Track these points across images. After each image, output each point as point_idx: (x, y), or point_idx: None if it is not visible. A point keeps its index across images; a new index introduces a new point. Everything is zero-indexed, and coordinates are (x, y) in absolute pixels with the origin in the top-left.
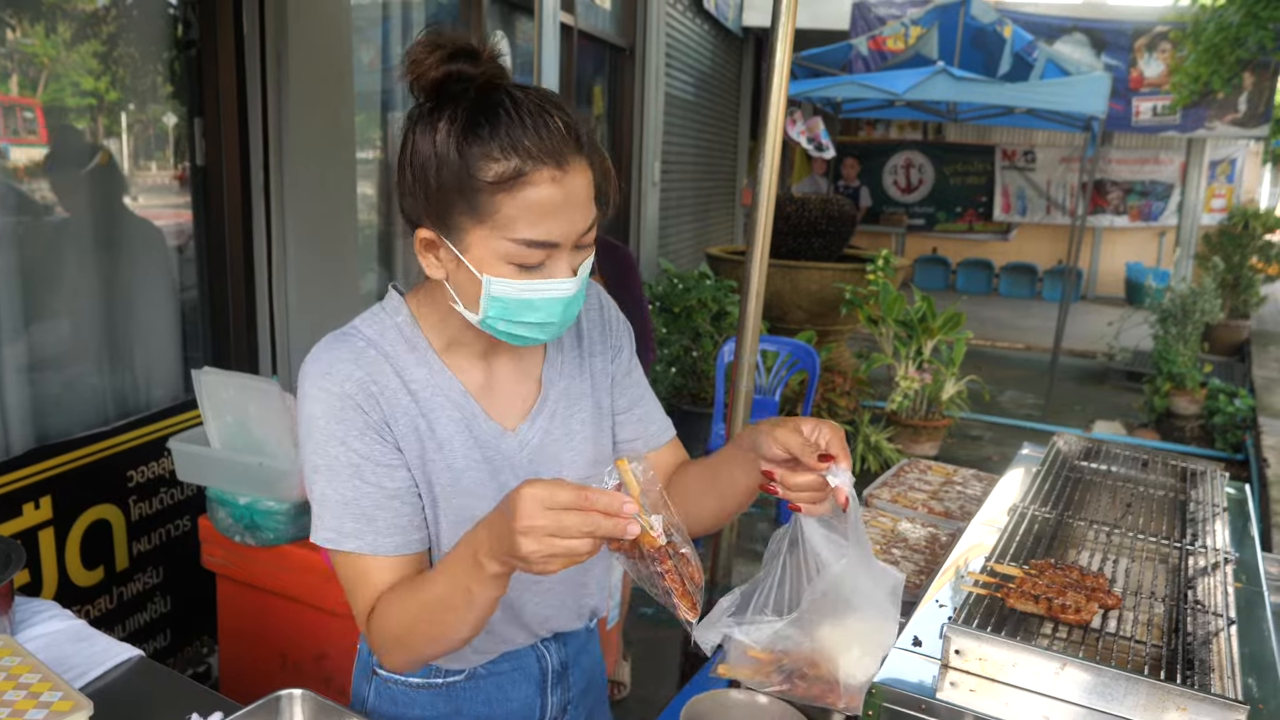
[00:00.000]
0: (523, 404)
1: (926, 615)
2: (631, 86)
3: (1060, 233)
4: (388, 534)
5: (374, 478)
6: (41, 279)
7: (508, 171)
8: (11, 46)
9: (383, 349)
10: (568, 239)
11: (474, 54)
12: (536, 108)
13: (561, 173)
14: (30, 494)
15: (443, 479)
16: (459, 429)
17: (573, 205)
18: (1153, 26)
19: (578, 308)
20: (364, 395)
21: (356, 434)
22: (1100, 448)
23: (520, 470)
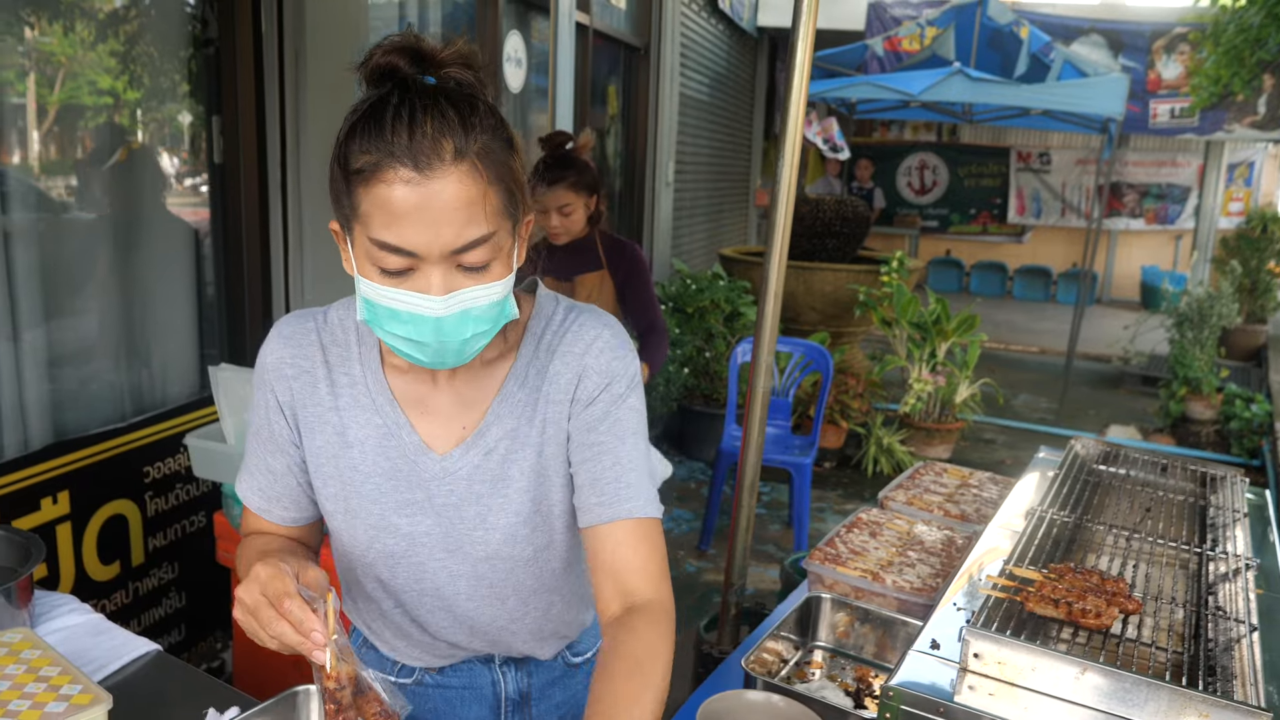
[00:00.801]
0: (461, 431)
1: (944, 618)
2: (646, 86)
3: (1075, 236)
4: (254, 494)
5: (261, 448)
6: (59, 276)
7: (366, 165)
8: (30, 45)
9: (333, 335)
10: (430, 250)
11: (419, 54)
12: (422, 110)
13: (420, 176)
14: (48, 489)
15: (345, 476)
16: (374, 433)
17: (436, 213)
18: (1171, 28)
19: (461, 335)
20: (277, 376)
21: (262, 405)
22: (1118, 452)
23: (436, 497)
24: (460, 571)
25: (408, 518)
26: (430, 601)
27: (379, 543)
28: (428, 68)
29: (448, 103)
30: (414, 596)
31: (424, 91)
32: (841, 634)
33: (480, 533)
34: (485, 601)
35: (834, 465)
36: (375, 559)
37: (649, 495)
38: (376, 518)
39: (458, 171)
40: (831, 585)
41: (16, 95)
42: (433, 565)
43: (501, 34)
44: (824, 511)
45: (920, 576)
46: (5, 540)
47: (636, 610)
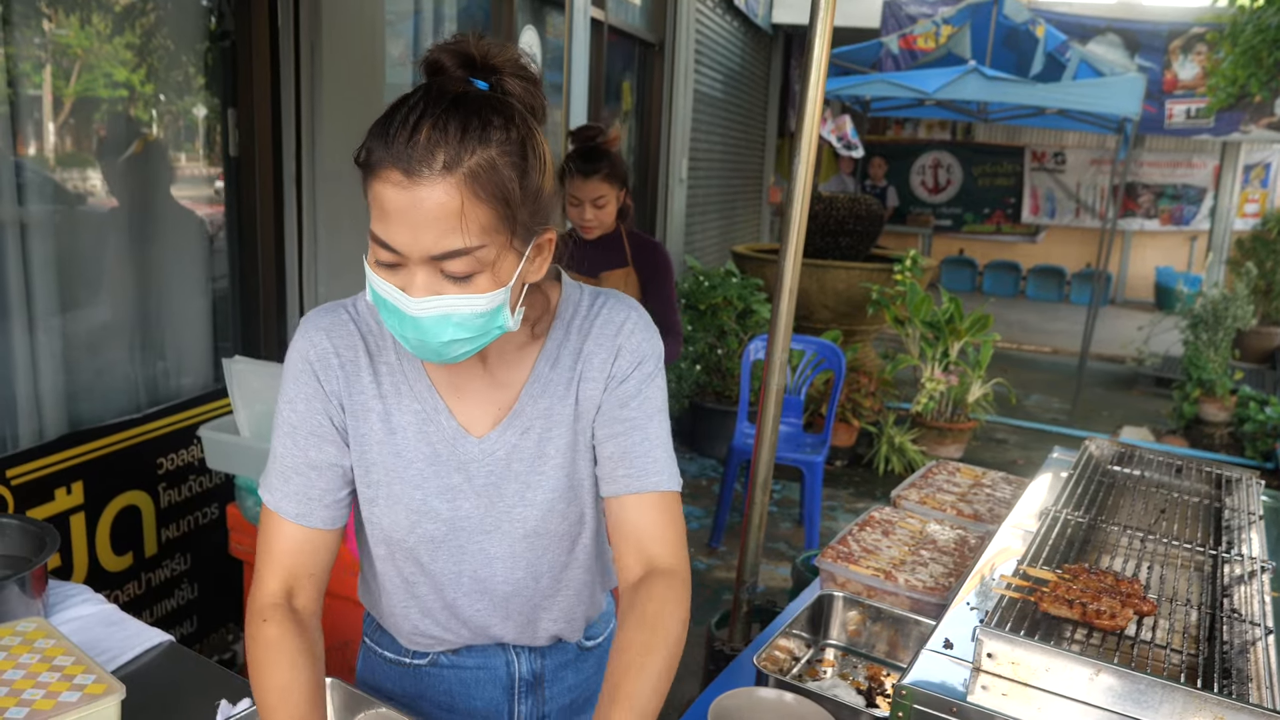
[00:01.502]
0: (496, 412)
1: (957, 618)
2: (660, 83)
3: (1089, 236)
4: (292, 499)
5: (303, 443)
6: (75, 267)
7: (372, 160)
8: (46, 37)
9: (366, 324)
10: (411, 251)
11: (468, 57)
12: (426, 117)
13: (408, 180)
14: (62, 479)
15: (389, 463)
16: (414, 419)
17: (419, 219)
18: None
19: (439, 337)
20: (323, 365)
21: (304, 399)
22: (1132, 453)
23: (476, 478)
24: (498, 553)
25: (449, 501)
26: (468, 584)
27: (420, 527)
28: (477, 71)
29: (458, 112)
30: (452, 579)
31: (441, 96)
32: (853, 632)
33: (520, 509)
34: (521, 582)
35: (845, 464)
36: (416, 543)
37: (672, 470)
38: (419, 502)
39: (444, 183)
40: (844, 583)
41: (33, 87)
42: (471, 548)
43: (516, 29)
44: (835, 510)
45: (933, 576)
46: (20, 530)
47: (656, 574)
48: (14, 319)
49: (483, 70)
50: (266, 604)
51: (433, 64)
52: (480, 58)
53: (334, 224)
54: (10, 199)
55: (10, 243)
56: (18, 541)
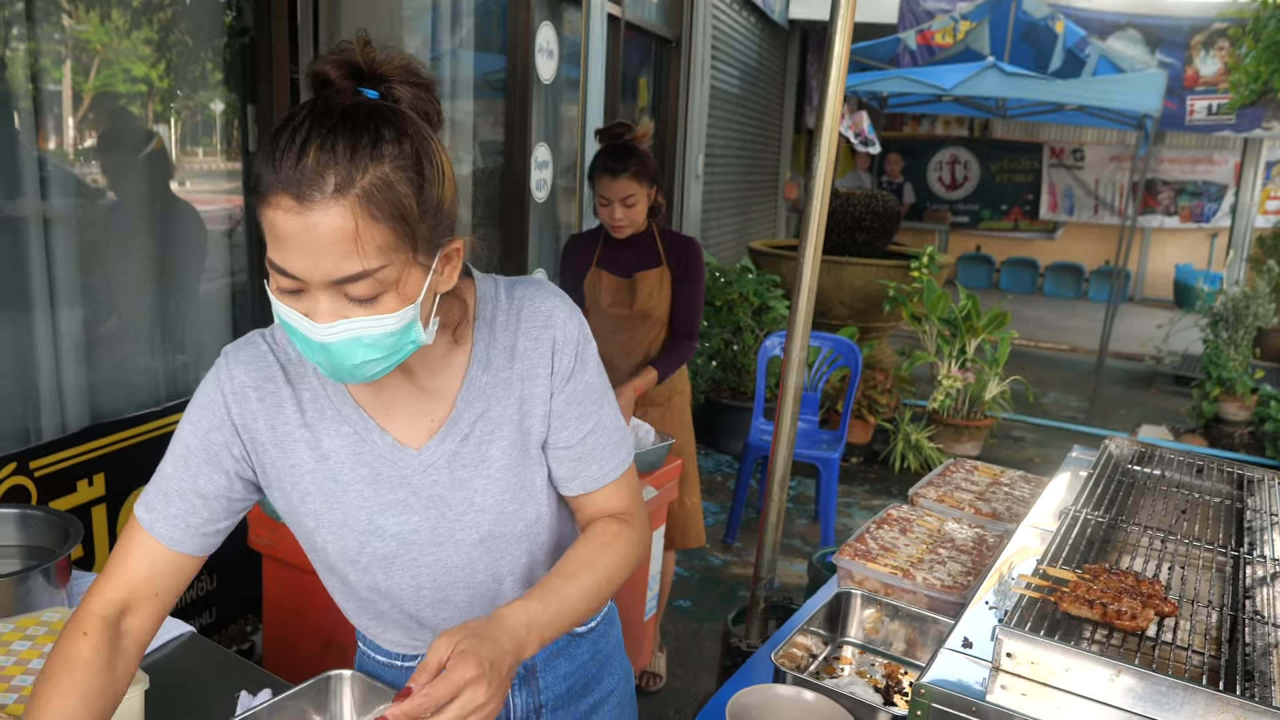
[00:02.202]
0: (430, 423)
1: (976, 617)
2: (677, 78)
3: (1108, 233)
4: (169, 523)
5: (194, 469)
6: (96, 261)
7: (262, 186)
8: (66, 33)
9: (285, 354)
10: (310, 277)
11: (354, 67)
12: (313, 137)
13: (299, 205)
14: (84, 471)
15: (326, 488)
16: (346, 442)
17: (314, 244)
18: (1210, 23)
19: (351, 359)
20: (238, 399)
21: (206, 427)
22: (1153, 452)
23: (421, 491)
24: (454, 561)
25: (395, 518)
26: (429, 595)
27: (369, 548)
28: (365, 81)
29: (347, 128)
30: (411, 593)
31: (328, 113)
32: (871, 630)
33: (470, 516)
34: (482, 587)
35: (861, 461)
36: (368, 563)
37: (628, 449)
38: (364, 523)
39: (337, 206)
40: (861, 581)
41: (53, 82)
42: (426, 560)
43: (534, 25)
44: (850, 507)
45: (951, 574)
46: (44, 521)
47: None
48: (37, 312)
49: (371, 79)
50: (95, 614)
51: (318, 76)
52: (367, 66)
53: None
54: (33, 193)
55: (33, 237)
56: (43, 532)
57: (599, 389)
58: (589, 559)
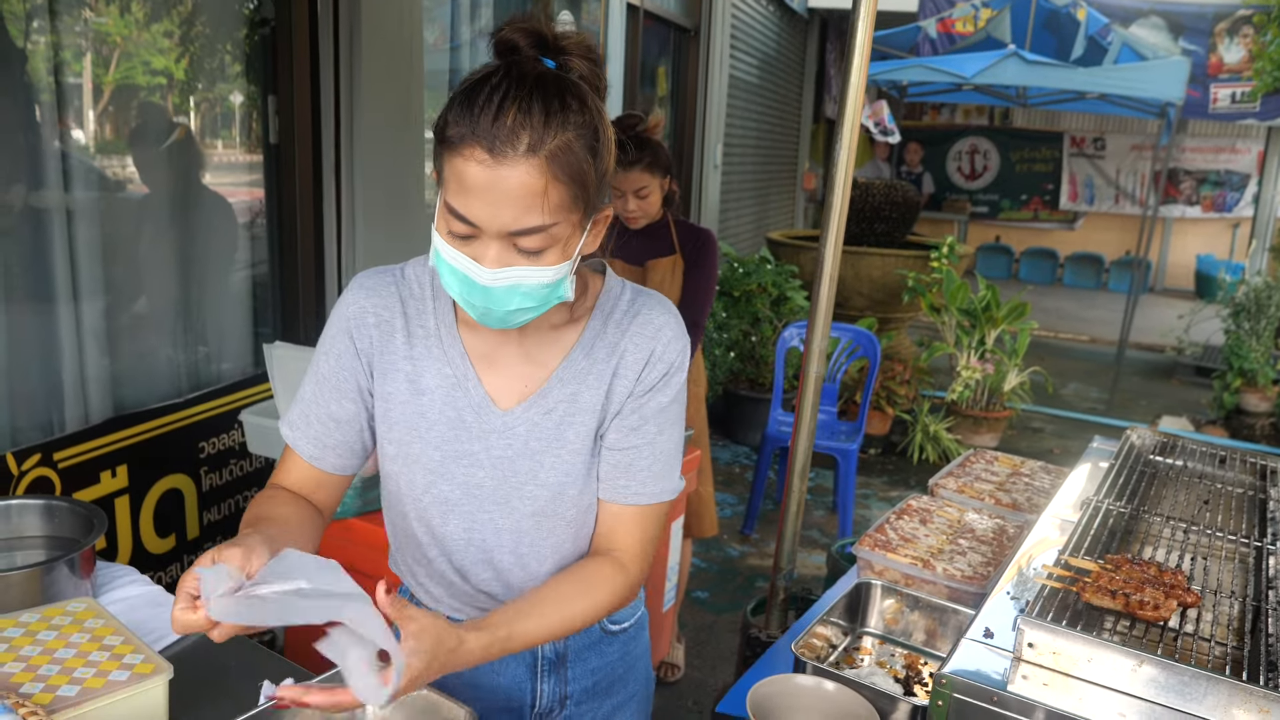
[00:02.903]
0: (524, 388)
1: (997, 607)
2: (696, 68)
3: (1129, 223)
4: (309, 442)
5: (327, 395)
6: (118, 253)
7: (454, 135)
8: (86, 25)
9: (410, 289)
10: (489, 226)
11: (541, 37)
12: (511, 98)
13: (492, 159)
14: (107, 462)
15: (411, 421)
16: (444, 383)
17: (501, 196)
18: (1235, 10)
19: (506, 306)
20: (359, 324)
21: (335, 353)
22: (1175, 443)
23: (494, 449)
24: (506, 526)
25: (465, 467)
26: (475, 554)
27: (435, 488)
28: (548, 51)
29: (540, 94)
30: (460, 546)
31: (523, 78)
32: (891, 621)
33: (531, 488)
34: (526, 559)
35: (879, 452)
36: (429, 504)
37: (671, 482)
38: (436, 463)
39: (527, 164)
40: (881, 572)
41: (73, 75)
42: (482, 517)
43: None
44: (869, 498)
45: (971, 565)
46: (69, 511)
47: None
48: (60, 304)
49: (553, 50)
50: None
51: (507, 43)
52: (552, 38)
53: (372, 210)
54: (56, 185)
55: (56, 229)
56: (67, 523)
57: (670, 417)
58: (571, 596)
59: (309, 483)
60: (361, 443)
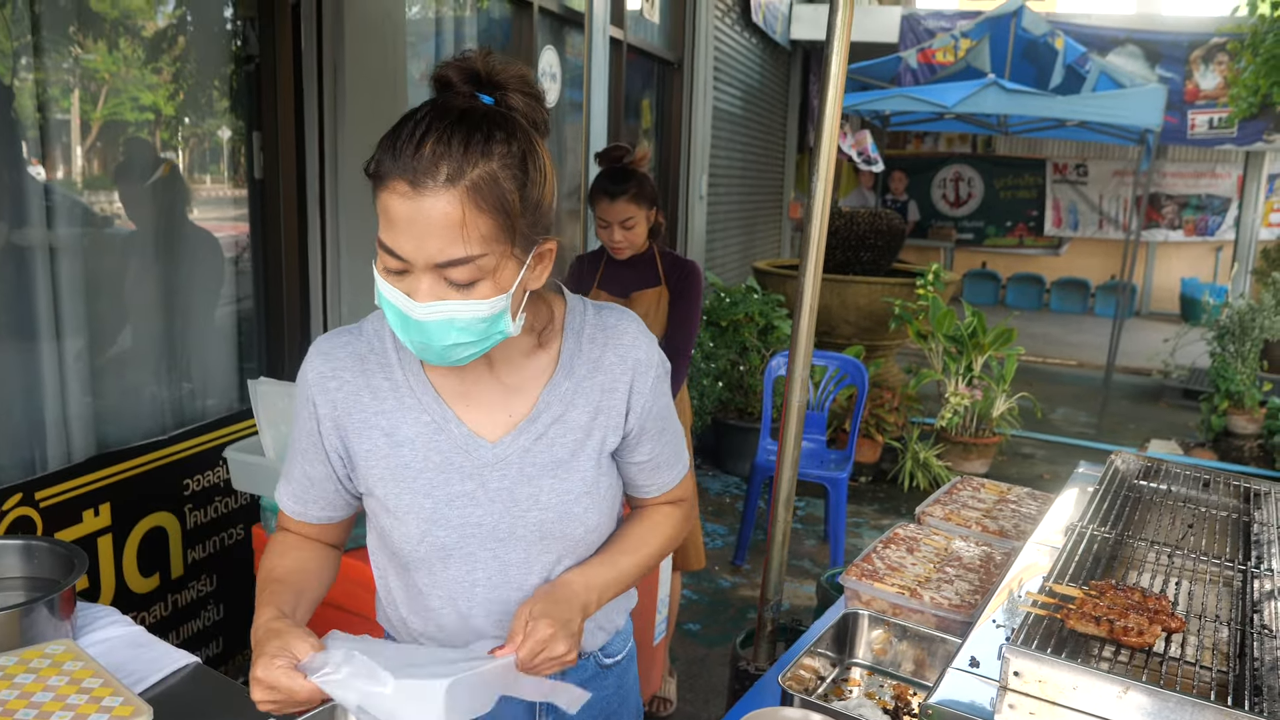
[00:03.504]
0: (509, 418)
1: (983, 635)
2: (680, 100)
3: (1113, 247)
4: (291, 498)
5: (300, 457)
6: (102, 289)
7: (379, 171)
8: (74, 62)
9: (370, 345)
10: (416, 258)
11: (474, 73)
12: (434, 131)
13: (413, 191)
14: (90, 501)
15: (396, 474)
16: (423, 430)
17: (423, 228)
18: (1209, 38)
19: (443, 341)
20: (319, 390)
21: (302, 420)
22: (1159, 467)
23: (490, 483)
24: (512, 559)
25: (459, 510)
26: (481, 593)
27: (431, 536)
28: (483, 86)
29: (462, 127)
30: (465, 589)
31: (447, 112)
32: (879, 651)
33: (535, 513)
34: (536, 589)
35: (869, 480)
36: (428, 552)
37: (685, 450)
38: (429, 511)
39: (447, 194)
40: (869, 601)
41: (61, 111)
42: (484, 555)
43: (537, 49)
44: (860, 526)
45: (959, 593)
46: (49, 552)
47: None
48: (43, 342)
49: (488, 85)
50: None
51: (441, 80)
52: (486, 74)
53: (356, 245)
54: (39, 222)
55: (39, 266)
56: (47, 563)
57: (670, 407)
58: (645, 536)
59: (306, 529)
60: (341, 498)
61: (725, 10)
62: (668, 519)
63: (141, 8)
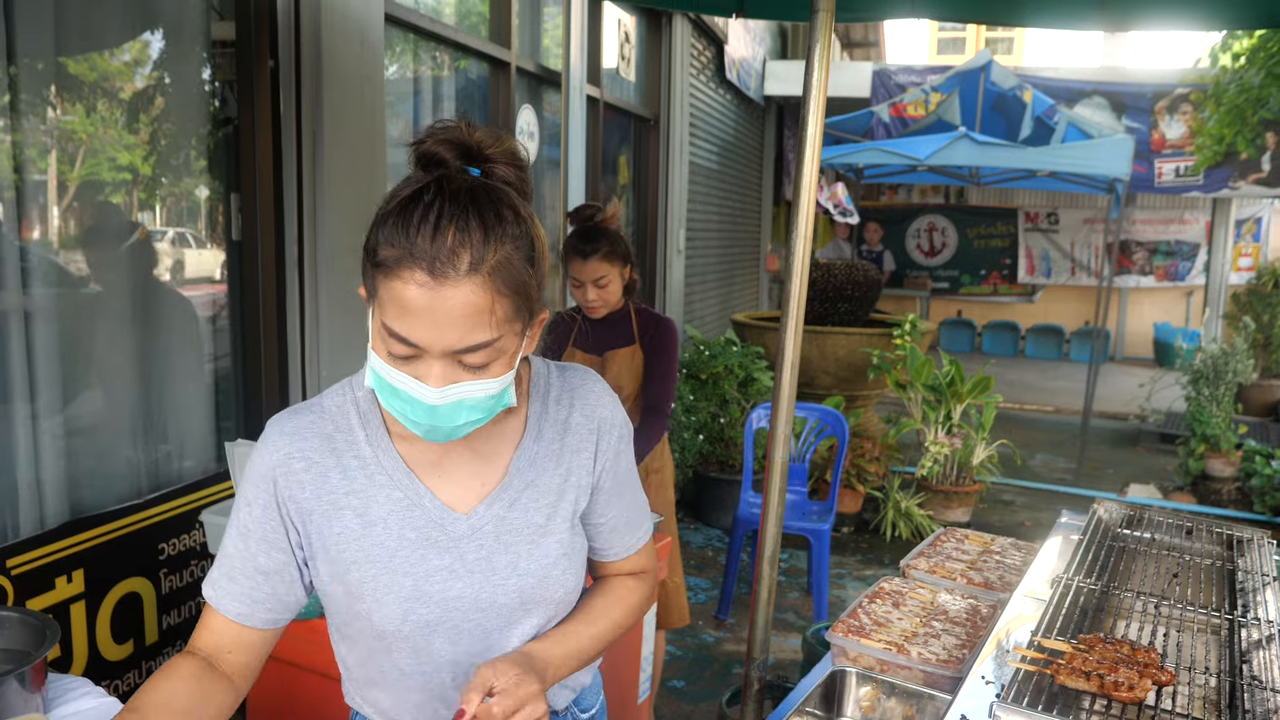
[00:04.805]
0: (480, 487)
1: (972, 692)
2: (656, 156)
3: (1086, 294)
4: (236, 599)
5: (254, 548)
6: (77, 351)
7: (389, 259)
8: (51, 123)
9: (334, 423)
10: (433, 346)
11: (467, 149)
12: (448, 216)
13: (433, 281)
14: (63, 568)
15: (372, 554)
16: (396, 508)
17: (443, 317)
18: (1173, 89)
19: (453, 421)
20: (284, 471)
21: (260, 504)
22: (1142, 515)
23: (468, 554)
24: (493, 626)
25: (440, 584)
26: (465, 664)
27: (414, 614)
28: (473, 160)
29: (476, 209)
30: (449, 662)
31: (456, 193)
32: (867, 708)
33: (514, 580)
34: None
35: (852, 530)
36: (411, 631)
37: (649, 516)
38: (409, 589)
39: (470, 283)
40: (855, 658)
41: (38, 172)
42: (467, 626)
43: (514, 108)
44: (843, 578)
45: (946, 648)
46: (20, 622)
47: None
48: (16, 405)
49: (479, 159)
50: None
51: (432, 156)
52: (476, 147)
53: (335, 306)
54: (14, 286)
55: (13, 329)
56: (18, 635)
57: (632, 470)
58: (607, 609)
59: (227, 641)
60: (293, 595)
61: (700, 68)
62: (631, 592)
63: (120, 70)
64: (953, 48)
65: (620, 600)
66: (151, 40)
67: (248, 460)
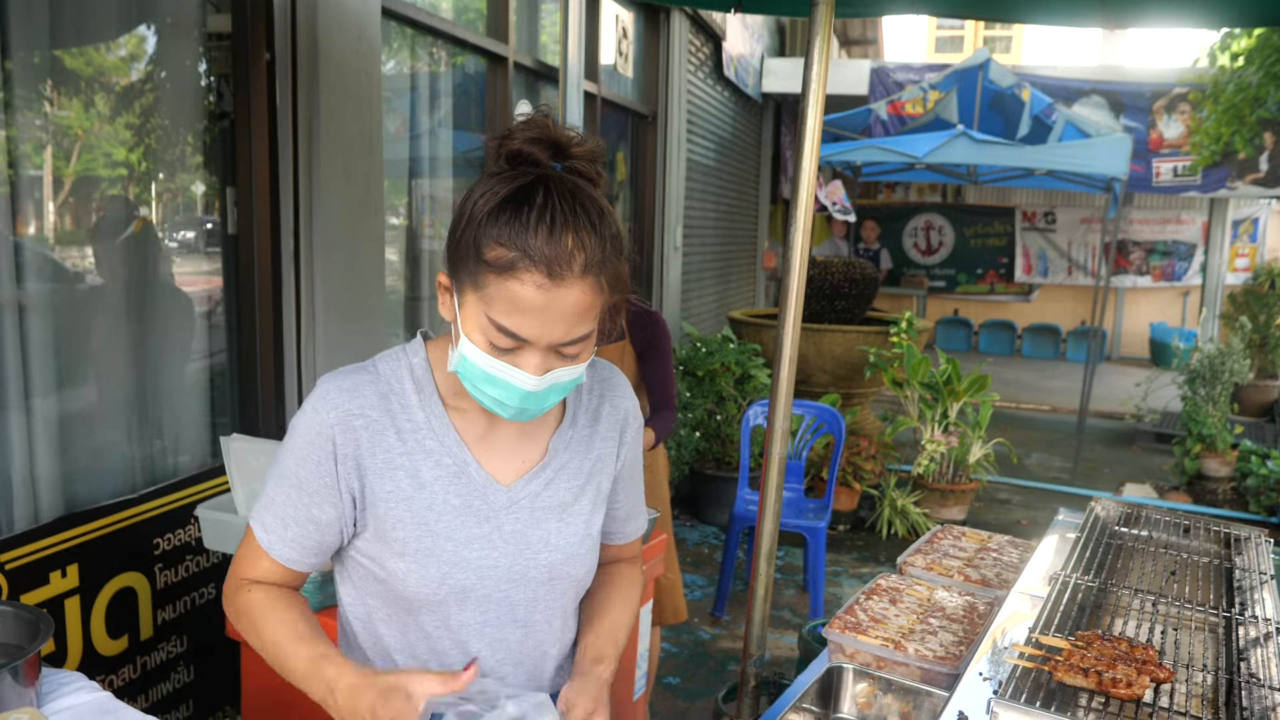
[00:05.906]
0: (522, 463)
1: (970, 688)
2: (654, 152)
3: (1082, 293)
4: (289, 545)
5: (309, 499)
6: (73, 346)
7: (503, 259)
8: (48, 118)
9: (389, 386)
10: (540, 340)
11: (558, 146)
12: (561, 218)
13: (550, 283)
14: (57, 562)
15: (420, 516)
16: (444, 473)
17: (555, 314)
18: (1171, 88)
19: (543, 404)
20: (343, 428)
21: (316, 460)
22: (1139, 513)
23: (505, 525)
24: (520, 599)
25: (478, 551)
26: (491, 633)
27: (451, 579)
28: (562, 157)
29: (584, 211)
30: (477, 629)
31: (564, 195)
32: (864, 705)
33: (545, 555)
34: (537, 625)
35: (848, 528)
36: (446, 595)
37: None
38: (450, 554)
39: (582, 284)
40: (852, 655)
41: (34, 168)
42: (497, 596)
43: (511, 103)
44: (839, 575)
45: (943, 644)
46: (14, 617)
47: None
48: (11, 400)
49: (565, 155)
50: (246, 579)
51: (524, 155)
52: (566, 144)
53: (331, 300)
54: (9, 280)
55: (8, 324)
56: (11, 629)
57: (641, 459)
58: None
59: (278, 577)
60: (336, 544)
61: (698, 65)
62: (633, 582)
63: (116, 64)
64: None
65: (633, 583)
66: (147, 34)
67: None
